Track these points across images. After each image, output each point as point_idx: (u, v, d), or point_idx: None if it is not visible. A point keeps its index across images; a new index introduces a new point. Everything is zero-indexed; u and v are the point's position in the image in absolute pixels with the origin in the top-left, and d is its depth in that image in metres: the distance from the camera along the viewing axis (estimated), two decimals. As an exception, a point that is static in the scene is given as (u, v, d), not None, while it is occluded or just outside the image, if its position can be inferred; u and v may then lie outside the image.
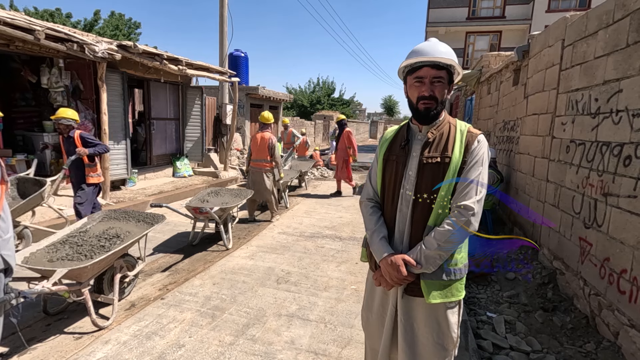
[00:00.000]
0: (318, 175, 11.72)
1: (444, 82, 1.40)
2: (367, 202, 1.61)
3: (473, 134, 1.43)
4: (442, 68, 1.39)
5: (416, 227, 1.44)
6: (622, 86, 2.56)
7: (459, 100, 10.76)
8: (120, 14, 19.65)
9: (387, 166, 1.54)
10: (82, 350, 2.40)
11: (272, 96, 15.66)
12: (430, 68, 1.38)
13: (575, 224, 3.12)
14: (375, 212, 1.57)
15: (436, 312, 1.45)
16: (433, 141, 1.44)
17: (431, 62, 1.38)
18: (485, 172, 1.40)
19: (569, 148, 3.33)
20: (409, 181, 1.45)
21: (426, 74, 1.39)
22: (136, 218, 3.34)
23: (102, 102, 5.96)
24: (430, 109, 1.41)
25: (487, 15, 17.45)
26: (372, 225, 1.54)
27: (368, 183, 1.65)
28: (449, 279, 1.42)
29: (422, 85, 1.41)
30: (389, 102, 56.18)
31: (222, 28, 9.91)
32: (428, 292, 1.40)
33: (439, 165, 1.40)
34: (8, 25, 4.49)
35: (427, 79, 1.39)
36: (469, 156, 1.39)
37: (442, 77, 1.39)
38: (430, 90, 1.39)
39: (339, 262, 4.14)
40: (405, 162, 1.47)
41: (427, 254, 1.37)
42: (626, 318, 2.34)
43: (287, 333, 2.68)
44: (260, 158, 5.67)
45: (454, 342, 1.49)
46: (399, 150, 1.51)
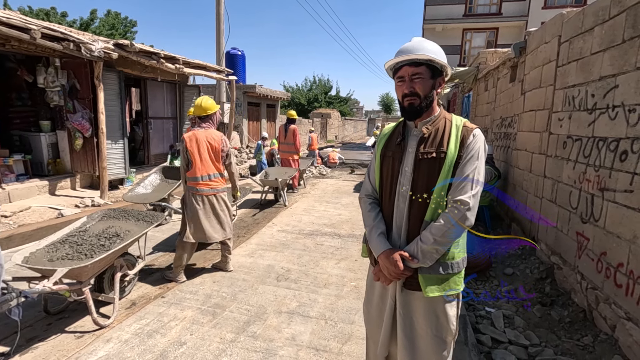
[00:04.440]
0: (316, 173, 11.73)
1: (424, 77, 1.42)
2: (365, 198, 1.63)
3: (469, 128, 1.44)
4: (420, 64, 1.41)
5: (413, 222, 1.46)
6: (618, 82, 2.58)
7: (457, 97, 10.79)
8: (116, 12, 19.54)
9: (384, 162, 1.56)
10: (84, 349, 2.41)
11: (270, 94, 15.63)
12: (408, 66, 1.42)
13: (572, 219, 3.14)
14: (373, 208, 1.59)
15: (434, 305, 1.48)
16: (429, 137, 1.45)
17: (408, 61, 1.41)
18: (481, 167, 1.41)
19: (565, 144, 3.36)
20: (405, 177, 1.47)
21: (405, 72, 1.43)
22: (136, 217, 3.34)
23: (99, 101, 5.95)
24: (414, 105, 1.43)
25: (484, 12, 17.45)
26: (370, 222, 1.56)
27: (367, 179, 1.66)
28: (446, 272, 1.44)
29: (403, 84, 1.44)
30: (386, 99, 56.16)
31: (219, 26, 9.88)
32: (426, 286, 1.42)
33: (435, 161, 1.42)
34: (3, 24, 4.47)
35: (407, 77, 1.43)
36: (465, 150, 1.40)
37: (420, 72, 1.41)
38: (410, 87, 1.42)
39: (338, 259, 4.16)
40: (402, 158, 1.49)
41: (423, 249, 1.38)
42: (623, 311, 2.37)
43: (288, 330, 2.69)
44: (207, 172, 3.48)
45: (453, 335, 1.51)
46: (395, 147, 1.53)
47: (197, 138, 3.44)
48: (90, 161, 6.39)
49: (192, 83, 9.80)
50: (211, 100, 3.61)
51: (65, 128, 6.50)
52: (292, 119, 7.95)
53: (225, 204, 3.65)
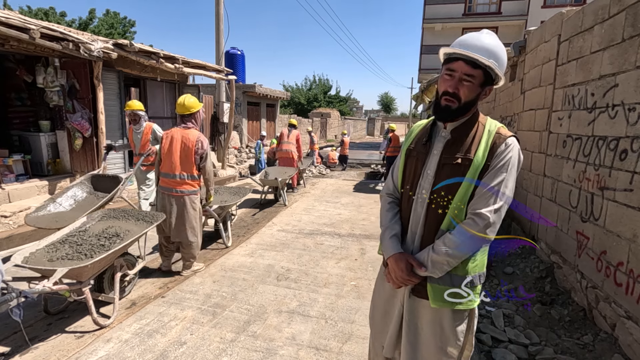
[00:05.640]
0: (316, 172, 11.73)
1: (475, 83, 1.27)
2: (386, 196, 1.55)
3: (502, 136, 1.30)
4: (477, 67, 1.26)
5: (429, 230, 1.38)
6: (617, 81, 2.58)
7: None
8: (115, 12, 19.53)
9: (408, 162, 1.47)
10: (84, 348, 2.41)
11: (269, 94, 15.62)
12: (465, 64, 1.26)
13: (572, 218, 3.14)
14: (392, 207, 1.51)
15: (441, 316, 1.39)
16: (456, 140, 1.34)
17: (469, 58, 1.25)
18: (511, 180, 1.27)
19: (565, 143, 3.36)
20: (426, 180, 1.37)
21: (458, 68, 1.27)
22: (135, 217, 3.34)
23: (98, 101, 5.95)
24: (450, 107, 1.30)
25: (483, 11, 17.47)
26: (386, 222, 1.49)
27: (390, 177, 1.58)
28: (457, 286, 1.34)
29: (451, 80, 1.29)
30: (385, 99, 56.19)
31: (218, 26, 9.87)
32: (433, 296, 1.35)
33: (459, 167, 1.30)
34: (3, 24, 4.46)
35: (458, 74, 1.28)
36: (494, 160, 1.27)
37: (474, 76, 1.26)
38: (456, 87, 1.28)
39: (338, 259, 4.16)
40: (425, 160, 1.39)
41: (434, 259, 1.31)
42: (623, 310, 2.38)
43: (288, 329, 2.70)
44: (173, 172, 3.45)
45: (460, 350, 1.40)
46: (420, 147, 1.43)
47: (172, 136, 3.48)
48: (90, 161, 6.39)
49: (191, 83, 9.79)
50: (194, 98, 3.57)
51: (64, 128, 6.49)
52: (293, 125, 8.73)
53: (193, 208, 3.51)
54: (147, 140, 4.87)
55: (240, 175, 10.20)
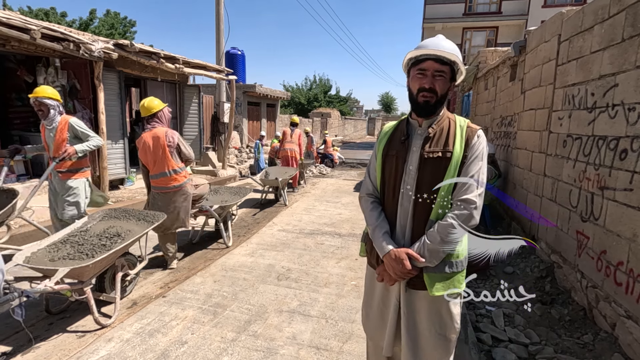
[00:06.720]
0: (316, 172, 11.73)
1: (446, 78, 1.42)
2: (367, 197, 1.61)
3: (473, 129, 1.45)
4: (445, 64, 1.41)
5: (418, 222, 1.45)
6: (617, 80, 2.59)
7: (456, 96, 10.78)
8: (115, 12, 19.54)
9: (386, 161, 1.54)
10: (85, 348, 2.41)
11: (270, 94, 15.63)
12: (433, 62, 1.40)
13: (572, 218, 3.15)
14: (375, 207, 1.57)
15: (438, 304, 1.47)
16: (434, 136, 1.45)
17: (435, 56, 1.40)
18: (484, 167, 1.42)
19: (565, 142, 3.36)
20: (410, 176, 1.46)
21: (429, 67, 1.41)
22: (136, 217, 3.35)
23: (99, 101, 5.95)
24: (429, 102, 1.43)
25: (484, 11, 17.46)
26: (373, 221, 1.53)
27: (367, 178, 1.64)
28: (451, 271, 1.44)
29: (424, 78, 1.42)
30: (386, 98, 56.18)
31: (219, 26, 9.87)
32: (431, 285, 1.42)
33: (441, 160, 1.42)
34: (3, 24, 4.47)
35: (430, 72, 1.41)
36: (470, 151, 1.41)
37: (444, 71, 1.41)
38: (432, 83, 1.41)
39: (338, 259, 4.16)
40: (406, 157, 1.47)
41: (430, 248, 1.38)
42: (623, 309, 2.38)
43: (289, 329, 2.70)
44: (157, 171, 3.62)
45: (456, 332, 1.51)
46: (398, 145, 1.51)
47: (144, 140, 3.63)
48: (91, 161, 6.39)
49: (192, 83, 9.80)
50: (157, 100, 3.75)
51: (65, 128, 6.49)
52: (295, 123, 8.78)
53: (184, 199, 3.77)
54: (64, 139, 3.52)
55: (241, 175, 10.21)
